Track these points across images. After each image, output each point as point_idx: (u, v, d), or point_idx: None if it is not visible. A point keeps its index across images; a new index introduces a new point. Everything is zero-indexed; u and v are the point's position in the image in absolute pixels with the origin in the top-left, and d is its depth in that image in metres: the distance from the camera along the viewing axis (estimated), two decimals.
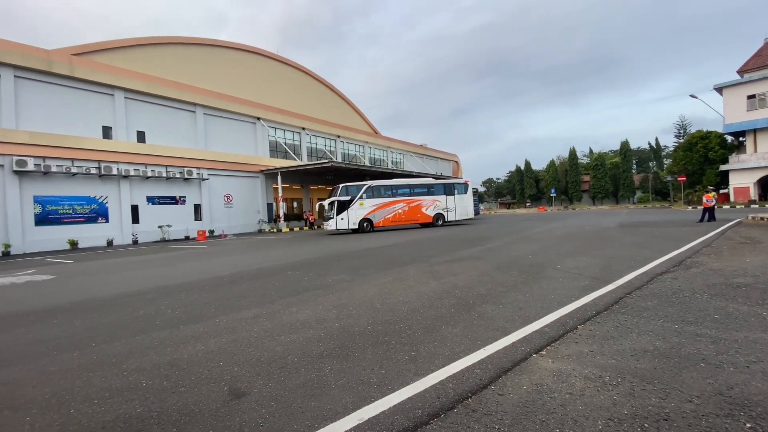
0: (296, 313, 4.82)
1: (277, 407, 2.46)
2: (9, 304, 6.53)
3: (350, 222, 21.30)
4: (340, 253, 11.65)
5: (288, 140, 35.60)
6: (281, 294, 6.03)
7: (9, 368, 3.42)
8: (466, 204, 26.02)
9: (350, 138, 42.66)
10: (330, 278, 7.23)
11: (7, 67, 19.02)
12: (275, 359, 3.29)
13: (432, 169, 55.14)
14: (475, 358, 3.12)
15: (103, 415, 2.46)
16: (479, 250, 10.50)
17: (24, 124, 19.58)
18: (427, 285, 6.12)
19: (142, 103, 24.71)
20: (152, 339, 4.03)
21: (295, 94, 38.52)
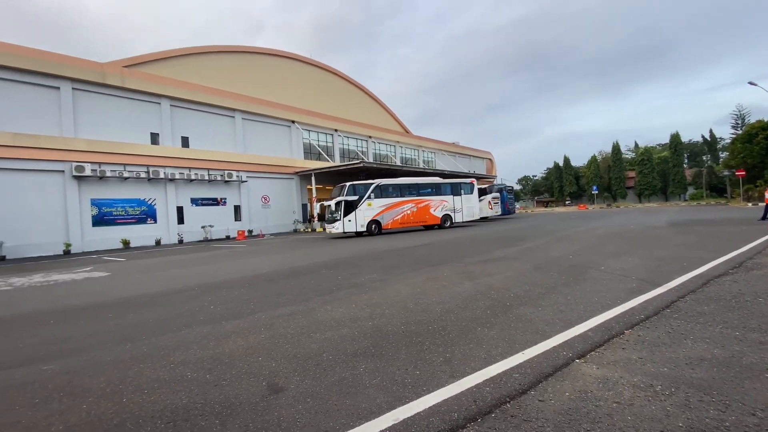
0: (330, 311, 4.88)
1: (313, 404, 2.49)
2: (70, 299, 7.10)
3: (357, 224, 19.67)
4: (371, 252, 11.71)
5: (321, 142, 36.29)
6: (316, 292, 6.14)
7: (69, 358, 3.72)
8: (472, 205, 24.90)
9: (381, 138, 42.84)
10: (363, 277, 7.28)
11: (66, 80, 20.75)
12: (311, 356, 3.35)
13: (465, 167, 54.21)
14: (513, 361, 3.02)
15: (152, 405, 2.61)
16: (516, 250, 10.18)
17: (82, 133, 21.28)
18: (461, 285, 6.01)
19: (186, 110, 26.11)
20: (196, 333, 4.24)
21: (327, 96, 39.22)
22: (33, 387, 3.04)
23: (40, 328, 4.96)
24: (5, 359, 3.79)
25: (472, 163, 58.68)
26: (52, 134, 20.10)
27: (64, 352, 3.92)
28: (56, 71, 20.23)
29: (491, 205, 30.01)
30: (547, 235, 13.74)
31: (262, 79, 33.09)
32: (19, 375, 3.34)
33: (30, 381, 3.18)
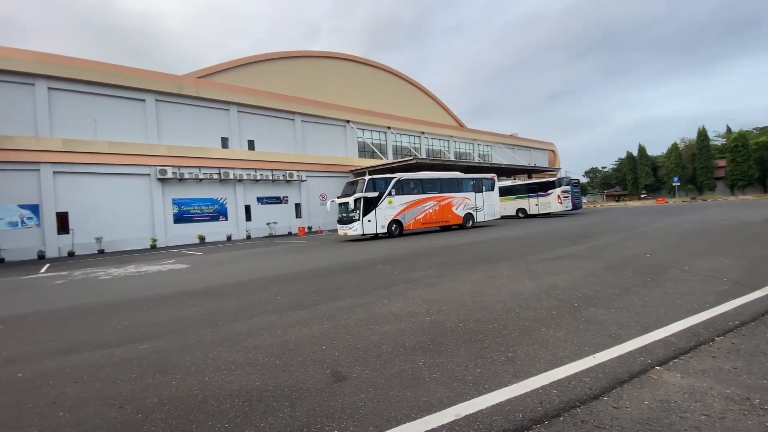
0: (388, 305, 4.97)
1: (375, 393, 2.57)
2: (158, 288, 8.00)
3: (378, 224, 17.35)
4: (425, 249, 11.65)
5: (375, 140, 36.79)
6: (373, 286, 6.27)
7: (159, 340, 4.20)
8: (493, 202, 22.70)
9: (435, 133, 42.31)
10: (418, 273, 7.28)
11: (150, 93, 23.28)
12: (371, 347, 3.44)
13: (524, 159, 51.65)
14: (582, 365, 2.84)
15: (230, 385, 2.87)
16: (584, 248, 9.52)
17: (164, 139, 23.74)
18: (522, 284, 5.76)
19: (252, 115, 27.97)
20: (265, 321, 4.56)
21: (380, 94, 39.63)
22: (131, 364, 3.49)
23: (135, 313, 5.67)
24: (109, 339, 4.39)
25: (532, 155, 55.72)
26: (139, 141, 22.70)
27: (155, 334, 4.44)
28: (142, 85, 22.79)
29: (560, 199, 27.06)
30: (619, 232, 12.64)
31: (319, 82, 34.36)
32: (120, 353, 3.84)
33: (128, 358, 3.65)
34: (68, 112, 20.76)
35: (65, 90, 20.67)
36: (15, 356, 3.96)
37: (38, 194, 19.43)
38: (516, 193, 29.41)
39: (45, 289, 8.84)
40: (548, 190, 27.17)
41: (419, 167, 28.87)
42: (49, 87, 20.16)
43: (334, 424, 2.21)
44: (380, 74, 40.79)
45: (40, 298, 7.68)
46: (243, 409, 2.48)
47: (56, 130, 20.26)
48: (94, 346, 4.12)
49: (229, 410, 2.47)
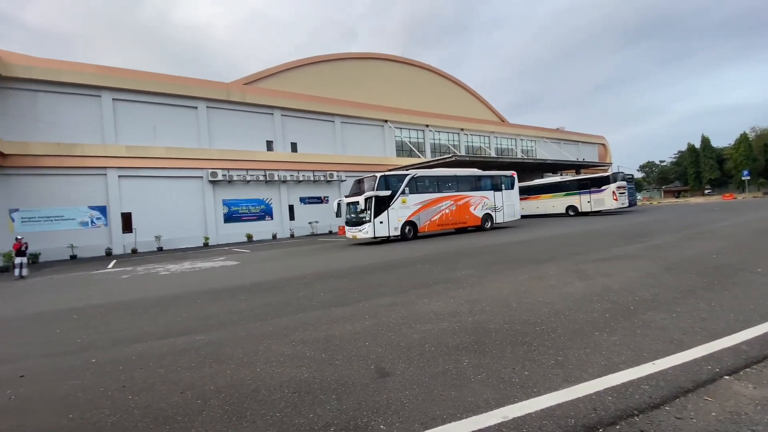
0: (429, 304, 4.94)
1: (419, 391, 2.58)
2: (211, 283, 8.51)
3: (391, 226, 15.89)
4: (466, 248, 11.44)
5: (412, 139, 36.66)
6: (413, 285, 6.27)
7: (214, 331, 4.47)
8: (513, 202, 21.09)
9: (474, 129, 41.37)
10: (459, 273, 7.18)
11: (201, 100, 24.77)
12: (413, 346, 3.45)
13: (572, 154, 49.12)
14: (640, 371, 2.67)
15: (280, 376, 3.00)
16: (639, 247, 8.90)
17: (214, 144, 25.19)
18: (571, 285, 5.50)
19: (294, 118, 28.94)
20: (311, 317, 4.71)
21: (418, 92, 39.38)
22: (190, 353, 3.75)
23: (192, 306, 6.08)
24: (170, 330, 4.74)
25: (580, 150, 52.87)
26: (192, 146, 24.25)
27: (210, 326, 4.74)
28: (194, 93, 24.31)
29: (616, 195, 24.79)
30: (680, 231, 11.67)
31: (357, 83, 34.80)
32: (179, 343, 4.14)
33: (188, 348, 3.92)
34: (130, 120, 22.63)
35: (128, 100, 22.54)
36: (89, 344, 4.39)
37: (105, 196, 21.36)
38: (565, 189, 27.60)
39: (113, 283, 9.71)
40: (602, 185, 25.20)
41: (458, 165, 28.43)
42: (114, 98, 22.08)
43: (379, 419, 2.25)
44: (418, 72, 40.54)
45: (110, 291, 8.46)
46: (292, 399, 2.59)
47: (120, 138, 22.14)
48: (157, 336, 4.47)
49: (280, 400, 2.59)
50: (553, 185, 28.33)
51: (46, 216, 19.88)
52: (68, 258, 19.70)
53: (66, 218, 20.30)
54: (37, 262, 18.38)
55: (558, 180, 28.86)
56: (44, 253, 19.07)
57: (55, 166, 19.98)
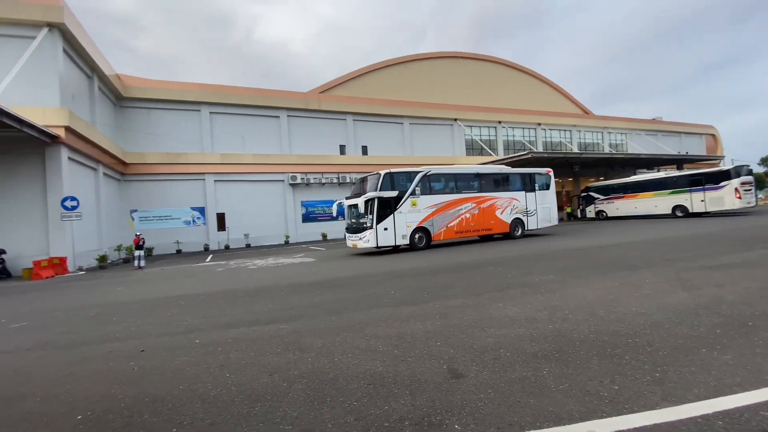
0: (503, 308, 4.76)
1: (494, 395, 2.51)
2: (292, 277, 9.18)
3: (397, 233, 13.66)
4: (544, 252, 10.74)
5: (483, 136, 35.43)
6: (485, 288, 6.08)
7: (296, 322, 4.83)
8: (549, 204, 17.72)
9: (553, 124, 38.58)
10: (536, 277, 6.77)
11: (283, 110, 26.83)
12: (487, 349, 3.36)
13: (671, 147, 43.24)
14: (759, 396, 2.28)
15: (356, 367, 3.14)
16: (763, 254, 7.54)
17: (294, 150, 27.10)
18: (672, 295, 4.87)
19: (365, 122, 29.89)
20: (382, 313, 4.85)
21: (490, 87, 37.95)
22: (275, 340, 4.10)
23: (277, 298, 6.62)
24: (259, 318, 5.23)
25: (683, 142, 46.29)
26: (275, 152, 26.38)
27: (292, 317, 5.13)
28: (277, 104, 26.47)
29: (739, 193, 20.36)
30: None
31: (426, 83, 34.71)
32: (267, 330, 4.55)
33: (274, 335, 4.29)
34: (224, 130, 25.41)
35: (221, 113, 25.35)
36: (193, 326, 5.03)
37: (204, 198, 24.23)
38: (672, 186, 23.57)
39: (211, 275, 10.99)
40: (720, 181, 20.95)
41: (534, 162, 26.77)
42: (211, 111, 25.00)
43: (453, 419, 2.24)
44: (489, 67, 39.08)
45: (208, 282, 9.59)
46: (368, 390, 2.70)
47: (216, 146, 24.97)
48: (248, 323, 4.97)
49: (356, 390, 2.72)
50: (656, 182, 24.65)
51: (158, 216, 23.19)
52: (174, 252, 22.74)
53: (173, 218, 23.47)
54: (152, 255, 21.53)
55: (663, 176, 24.93)
56: (156, 248, 22.27)
57: (164, 172, 23.22)
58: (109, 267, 16.39)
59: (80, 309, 6.92)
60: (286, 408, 2.53)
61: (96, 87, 19.50)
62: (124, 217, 22.25)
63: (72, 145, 15.34)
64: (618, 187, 27.30)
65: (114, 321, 5.71)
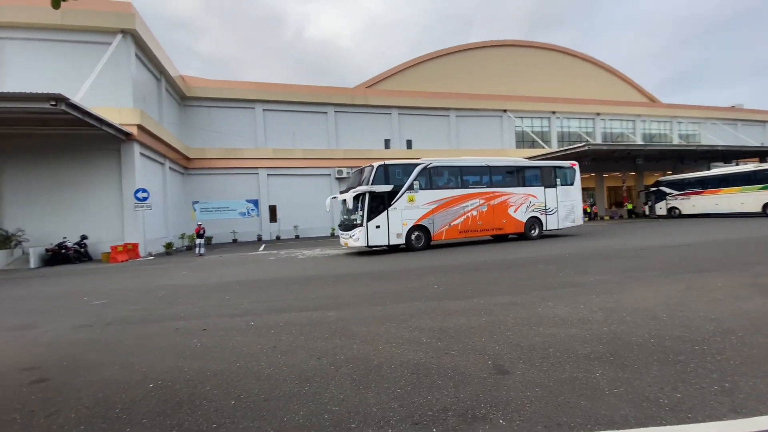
0: (553, 307, 4.57)
1: (542, 393, 2.44)
2: (338, 268, 9.47)
3: (391, 232, 12.57)
4: (601, 251, 10.10)
5: (535, 128, 33.80)
6: (534, 286, 5.87)
7: (341, 310, 4.99)
8: (572, 202, 15.79)
9: (615, 113, 35.85)
10: (591, 277, 6.41)
11: (331, 106, 27.46)
12: (535, 348, 3.26)
13: (753, 138, 38.47)
14: None
15: (399, 356, 3.20)
16: None
17: (340, 144, 27.70)
18: (748, 301, 4.40)
19: (410, 116, 29.76)
20: (425, 306, 4.87)
21: (542, 76, 36.01)
22: (322, 326, 4.28)
23: (323, 286, 6.88)
24: (308, 304, 5.47)
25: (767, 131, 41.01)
26: (322, 147, 27.14)
27: (338, 305, 5.31)
28: (325, 100, 27.15)
29: None
30: None
31: (474, 74, 33.71)
32: (315, 316, 4.75)
33: (321, 321, 4.47)
34: (275, 127, 26.58)
35: (274, 110, 26.51)
36: (248, 310, 5.38)
37: (257, 191, 25.57)
38: (763, 180, 20.81)
39: (264, 263, 11.63)
40: None
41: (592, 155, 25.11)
42: (264, 109, 26.23)
43: (498, 413, 2.22)
44: (542, 54, 37.06)
45: (262, 269, 10.16)
46: (411, 379, 2.74)
47: (268, 142, 26.20)
48: (298, 309, 5.23)
49: (400, 378, 2.78)
50: (743, 176, 21.78)
51: (217, 207, 24.86)
52: (231, 241, 24.29)
53: (230, 209, 25.05)
54: (211, 243, 23.17)
55: (752, 169, 21.94)
56: (215, 237, 23.93)
57: (222, 167, 24.80)
58: (174, 253, 17.92)
59: (150, 290, 7.66)
60: (333, 390, 2.65)
61: (163, 88, 21.24)
62: (187, 208, 24.11)
63: (143, 141, 16.86)
64: (695, 182, 24.63)
65: (179, 302, 6.27)
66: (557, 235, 15.84)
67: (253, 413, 2.39)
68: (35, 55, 16.50)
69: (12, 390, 2.96)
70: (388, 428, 2.13)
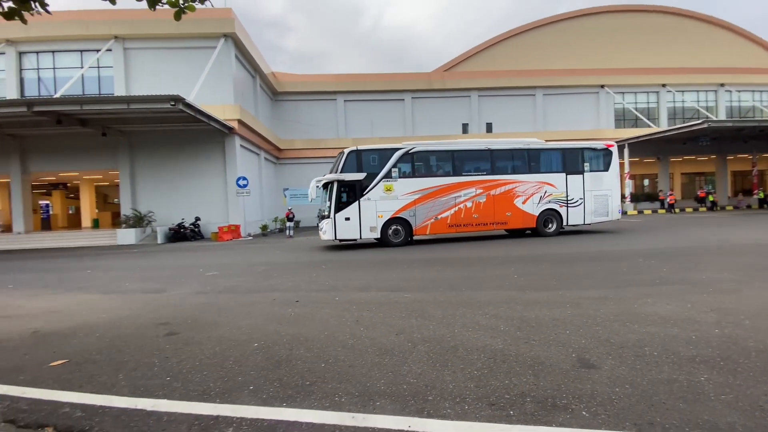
0: (652, 304, 4.14)
1: (633, 392, 2.29)
2: (412, 253, 9.65)
3: (364, 225, 11.49)
4: (722, 245, 8.69)
5: (640, 104, 29.73)
6: (631, 281, 5.35)
7: (417, 292, 5.14)
8: (606, 191, 12.88)
9: (743, 83, 29.83)
10: (703, 274, 5.61)
11: (408, 92, 27.49)
12: (628, 345, 3.03)
13: None
14: None
15: (475, 341, 3.24)
16: None
17: (417, 131, 27.65)
18: None
19: (491, 97, 28.41)
20: (504, 295, 4.77)
21: (648, 44, 31.26)
22: (400, 306, 4.47)
23: (399, 270, 7.10)
24: (385, 285, 5.74)
25: None
26: (398, 135, 27.35)
27: (414, 287, 5.47)
28: (402, 87, 27.26)
29: None
30: None
31: (565, 47, 30.68)
32: (392, 296, 4.97)
33: (399, 302, 4.68)
34: (355, 116, 27.55)
35: (353, 100, 27.46)
36: (333, 286, 5.83)
37: None
38: None
39: (344, 245, 12.33)
40: None
41: (711, 132, 21.38)
42: (345, 100, 27.31)
43: (581, 405, 2.15)
44: (648, 19, 32.09)
45: (342, 251, 10.80)
46: (488, 363, 2.77)
47: (349, 132, 27.31)
48: (376, 288, 5.53)
49: (476, 361, 2.82)
50: None
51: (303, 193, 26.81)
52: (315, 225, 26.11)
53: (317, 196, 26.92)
54: (299, 226, 25.19)
55: None
56: (303, 221, 25.95)
57: (308, 156, 26.58)
58: (269, 234, 19.94)
59: (251, 265, 8.72)
60: (411, 364, 2.81)
61: (258, 84, 23.38)
62: (279, 194, 26.46)
63: (243, 134, 18.88)
64: None
65: (275, 276, 7.06)
66: (593, 231, 13.89)
67: (340, 376, 2.66)
68: (156, 62, 19.40)
69: (151, 340, 3.68)
70: (464, 405, 2.21)
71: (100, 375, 2.86)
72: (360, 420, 2.09)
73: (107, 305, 5.26)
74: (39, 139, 18.36)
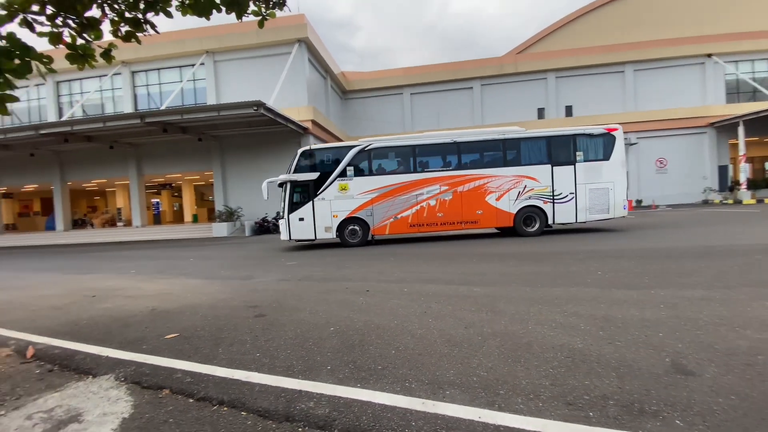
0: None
1: (740, 404, 2.01)
2: (480, 247, 9.37)
3: (318, 225, 11.17)
4: None
5: (758, 73, 25.01)
6: (744, 281, 4.61)
7: (488, 287, 5.02)
8: (606, 184, 10.89)
9: None
10: None
11: (476, 80, 26.49)
12: (736, 353, 2.65)
13: None
14: None
15: (551, 339, 3.08)
16: None
17: (486, 120, 26.54)
18: None
19: (570, 78, 26.13)
20: (585, 293, 4.44)
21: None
22: (469, 300, 4.42)
23: (468, 263, 6.99)
24: (453, 279, 5.70)
25: None
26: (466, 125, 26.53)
27: (485, 282, 5.35)
28: (470, 75, 26.36)
29: None
30: None
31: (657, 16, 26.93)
32: (462, 290, 4.92)
33: (468, 295, 4.62)
34: (421, 109, 27.37)
35: (420, 93, 27.29)
36: (402, 278, 5.95)
37: None
38: None
39: (415, 240, 12.44)
40: None
41: None
42: (411, 93, 27.26)
43: (675, 414, 1.96)
44: None
45: (412, 245, 10.91)
46: (566, 362, 2.64)
47: (415, 125, 27.23)
48: (444, 281, 5.51)
49: (552, 359, 2.70)
50: None
51: None
52: None
53: None
54: None
55: None
56: None
57: None
58: None
59: (324, 257, 9.25)
60: (481, 358, 2.78)
61: (329, 85, 24.43)
62: None
63: (316, 134, 19.95)
64: None
65: (347, 266, 7.42)
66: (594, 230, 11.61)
67: (410, 363, 2.75)
68: (240, 71, 21.31)
69: (243, 320, 4.14)
70: (538, 402, 2.14)
71: (203, 348, 3.32)
72: (430, 406, 2.15)
73: (207, 289, 6.01)
74: (150, 146, 21.43)
